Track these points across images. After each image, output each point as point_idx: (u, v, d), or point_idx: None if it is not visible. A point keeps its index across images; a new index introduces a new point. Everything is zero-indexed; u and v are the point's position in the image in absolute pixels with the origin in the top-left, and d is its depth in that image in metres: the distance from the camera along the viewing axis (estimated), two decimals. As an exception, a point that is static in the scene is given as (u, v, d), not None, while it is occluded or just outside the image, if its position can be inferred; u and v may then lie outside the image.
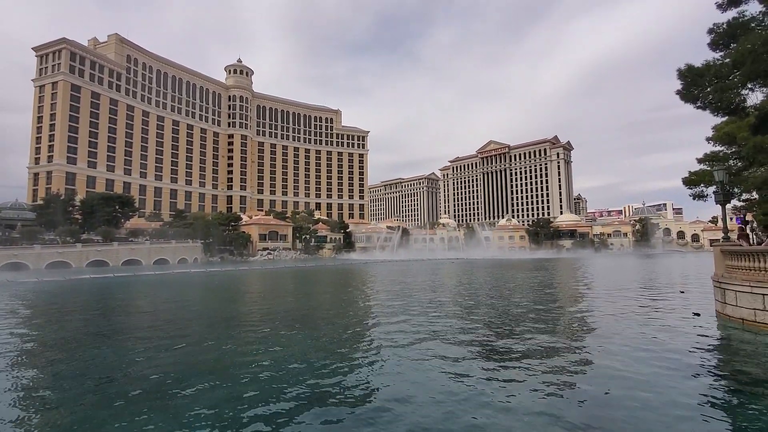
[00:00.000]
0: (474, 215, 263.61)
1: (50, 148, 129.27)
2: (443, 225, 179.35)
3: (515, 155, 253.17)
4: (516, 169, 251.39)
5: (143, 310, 23.73)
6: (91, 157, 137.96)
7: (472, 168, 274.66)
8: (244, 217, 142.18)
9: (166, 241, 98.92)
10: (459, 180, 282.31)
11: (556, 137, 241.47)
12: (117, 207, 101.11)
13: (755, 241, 34.78)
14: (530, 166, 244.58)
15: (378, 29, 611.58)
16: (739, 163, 29.50)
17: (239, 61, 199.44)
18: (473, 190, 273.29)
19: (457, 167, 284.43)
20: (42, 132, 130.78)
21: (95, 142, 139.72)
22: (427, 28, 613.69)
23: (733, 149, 29.42)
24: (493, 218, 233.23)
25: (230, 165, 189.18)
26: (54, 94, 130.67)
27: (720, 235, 21.60)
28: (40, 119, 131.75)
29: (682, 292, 25.49)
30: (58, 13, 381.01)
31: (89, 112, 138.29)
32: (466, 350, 11.97)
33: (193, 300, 28.48)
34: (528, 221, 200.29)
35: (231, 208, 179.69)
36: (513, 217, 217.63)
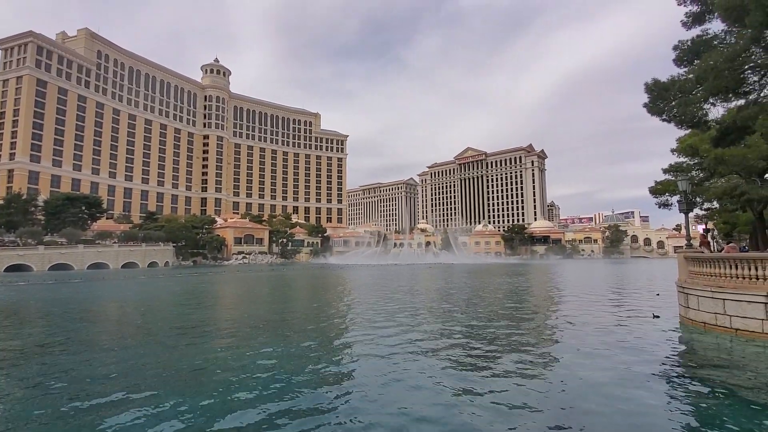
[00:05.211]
0: (451, 221, 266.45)
1: (12, 145, 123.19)
2: (421, 230, 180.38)
3: (492, 162, 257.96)
4: (492, 175, 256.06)
5: (108, 316, 22.74)
6: (56, 156, 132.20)
7: (450, 174, 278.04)
8: (219, 220, 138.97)
9: (135, 244, 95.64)
10: (437, 185, 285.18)
11: (530, 145, 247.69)
12: (83, 208, 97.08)
13: (716, 249, 36.50)
14: (506, 173, 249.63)
15: (366, 34, 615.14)
16: (701, 174, 31.03)
17: (216, 60, 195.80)
18: (451, 196, 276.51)
19: (435, 173, 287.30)
20: (4, 128, 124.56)
21: (61, 140, 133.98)
22: (414, 35, 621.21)
23: (696, 161, 30.91)
24: (470, 224, 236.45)
25: (205, 166, 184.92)
26: (18, 89, 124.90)
27: (684, 242, 22.55)
28: (2, 115, 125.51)
29: (658, 294, 26.34)
30: (34, 6, 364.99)
31: (55, 109, 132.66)
32: (441, 354, 11.99)
33: (161, 305, 27.51)
34: (504, 227, 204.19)
35: (205, 210, 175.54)
36: (489, 222, 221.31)
